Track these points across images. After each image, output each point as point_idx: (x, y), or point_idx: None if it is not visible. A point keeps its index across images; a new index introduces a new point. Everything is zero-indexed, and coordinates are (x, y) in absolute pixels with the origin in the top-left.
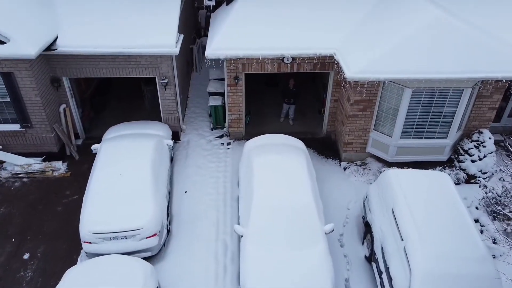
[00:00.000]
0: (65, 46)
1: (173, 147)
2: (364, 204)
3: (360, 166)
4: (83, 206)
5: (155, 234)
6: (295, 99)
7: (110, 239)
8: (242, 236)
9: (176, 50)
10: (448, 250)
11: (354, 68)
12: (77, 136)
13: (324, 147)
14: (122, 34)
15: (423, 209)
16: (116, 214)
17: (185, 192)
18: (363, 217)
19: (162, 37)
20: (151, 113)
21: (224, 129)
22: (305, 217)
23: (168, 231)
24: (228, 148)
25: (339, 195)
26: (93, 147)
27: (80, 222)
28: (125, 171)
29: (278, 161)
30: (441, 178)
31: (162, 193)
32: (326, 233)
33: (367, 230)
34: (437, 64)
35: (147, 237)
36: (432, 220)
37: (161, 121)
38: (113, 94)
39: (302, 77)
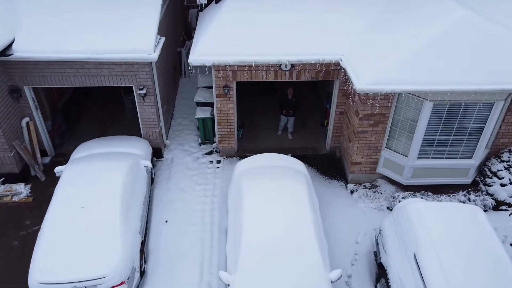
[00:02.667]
0: (22, 51)
1: (153, 166)
2: (376, 240)
3: (369, 189)
4: (34, 249)
5: (122, 283)
6: (295, 110)
7: None
8: (228, 286)
9: (154, 55)
10: None
11: (365, 78)
12: (44, 154)
13: (328, 165)
14: (92, 37)
15: (453, 254)
16: (74, 259)
17: (166, 221)
18: (375, 254)
19: (138, 40)
20: (132, 125)
21: (214, 144)
22: (306, 261)
23: (143, 273)
24: (218, 167)
25: (346, 225)
26: (57, 169)
27: (29, 270)
28: (89, 202)
29: (273, 188)
30: (473, 213)
31: (134, 228)
32: (332, 282)
33: (380, 272)
34: (464, 73)
35: (112, 287)
36: (465, 269)
37: (141, 136)
38: (91, 104)
39: (302, 84)
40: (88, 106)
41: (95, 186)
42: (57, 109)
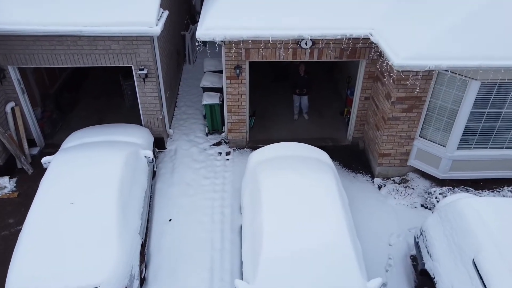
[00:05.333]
0: (2, 22)
1: (155, 158)
2: (417, 242)
3: (399, 183)
4: (14, 252)
5: None
6: (308, 88)
7: None
8: None
9: (156, 29)
10: None
11: (404, 52)
12: (32, 144)
13: (351, 157)
14: (85, 8)
15: None
16: (60, 265)
17: (169, 220)
18: (413, 258)
19: (138, 12)
20: (132, 114)
21: (222, 134)
22: (340, 269)
23: (143, 280)
24: (228, 159)
25: (376, 225)
26: (44, 160)
27: (7, 277)
28: (80, 197)
29: (296, 182)
30: None
31: (133, 228)
32: None
33: (423, 281)
34: None
35: None
36: None
37: (141, 125)
38: (87, 90)
39: (317, 69)
40: (83, 93)
41: (88, 178)
42: (49, 95)
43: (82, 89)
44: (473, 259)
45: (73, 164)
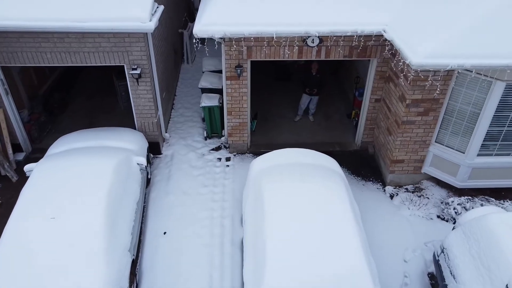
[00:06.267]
0: None
1: (149, 165)
2: (437, 260)
3: (413, 192)
4: None
5: None
6: (320, 88)
7: None
8: None
9: (150, 24)
10: None
11: (423, 50)
12: (18, 149)
13: (360, 164)
14: (72, 2)
15: None
16: None
17: (164, 233)
18: (431, 276)
19: (130, 6)
20: (128, 116)
21: (222, 138)
22: None
23: None
24: (228, 166)
25: (389, 239)
26: (27, 167)
27: None
28: (63, 210)
29: (304, 193)
30: None
31: (123, 245)
32: None
33: None
34: None
35: None
36: None
37: (135, 128)
38: (80, 90)
39: (322, 70)
40: (76, 93)
41: (73, 189)
42: (37, 96)
43: (74, 90)
44: (507, 285)
45: (57, 173)
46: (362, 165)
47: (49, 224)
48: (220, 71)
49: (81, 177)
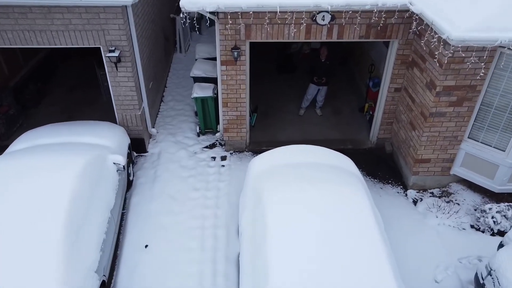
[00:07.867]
0: None
1: (132, 164)
2: (482, 284)
3: (440, 197)
4: None
5: None
6: (329, 77)
7: None
8: None
9: None
10: None
11: (464, 22)
12: None
13: (376, 163)
14: None
15: None
16: None
17: (145, 246)
18: None
19: None
20: (110, 109)
21: (217, 134)
22: None
23: None
24: (223, 166)
25: (415, 254)
26: None
27: None
28: (12, 223)
29: (315, 200)
30: None
31: (88, 265)
32: None
33: None
34: None
35: None
36: None
37: (116, 122)
38: (61, 80)
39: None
40: (55, 84)
41: (27, 196)
42: (7, 87)
43: (53, 81)
44: None
45: (12, 175)
46: (379, 165)
47: None
48: (215, 59)
49: (40, 180)
